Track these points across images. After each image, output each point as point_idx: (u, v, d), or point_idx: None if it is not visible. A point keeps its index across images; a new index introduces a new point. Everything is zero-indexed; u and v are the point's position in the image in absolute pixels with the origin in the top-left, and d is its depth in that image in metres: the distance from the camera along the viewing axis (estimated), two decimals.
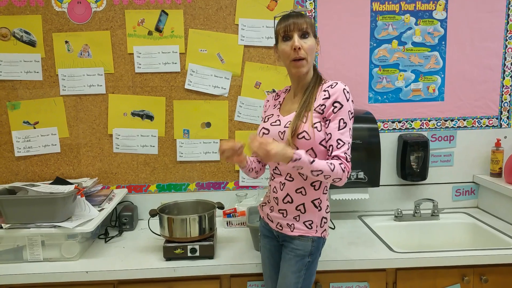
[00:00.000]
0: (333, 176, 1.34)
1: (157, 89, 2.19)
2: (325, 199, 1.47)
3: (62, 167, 2.22)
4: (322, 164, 1.33)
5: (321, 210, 1.46)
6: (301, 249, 1.44)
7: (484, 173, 2.31)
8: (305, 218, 1.45)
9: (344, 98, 1.38)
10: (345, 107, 1.37)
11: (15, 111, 2.16)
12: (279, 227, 1.50)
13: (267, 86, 2.21)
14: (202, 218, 1.75)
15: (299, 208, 1.44)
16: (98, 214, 1.83)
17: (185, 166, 2.25)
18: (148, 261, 1.74)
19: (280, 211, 1.48)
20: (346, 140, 1.38)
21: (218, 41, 2.17)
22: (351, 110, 1.39)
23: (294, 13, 1.43)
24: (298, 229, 1.45)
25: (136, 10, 2.13)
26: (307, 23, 1.41)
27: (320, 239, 1.47)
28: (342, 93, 1.38)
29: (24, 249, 1.74)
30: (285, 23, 1.41)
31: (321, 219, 1.46)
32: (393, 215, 2.18)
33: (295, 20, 1.40)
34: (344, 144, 1.37)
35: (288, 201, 1.45)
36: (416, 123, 2.29)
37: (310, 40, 1.41)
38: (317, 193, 1.44)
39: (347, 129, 1.38)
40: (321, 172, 1.33)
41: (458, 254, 1.74)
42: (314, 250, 1.45)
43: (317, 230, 1.45)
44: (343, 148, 1.37)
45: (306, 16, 1.44)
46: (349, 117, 1.39)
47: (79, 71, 2.16)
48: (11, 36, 2.12)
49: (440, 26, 2.22)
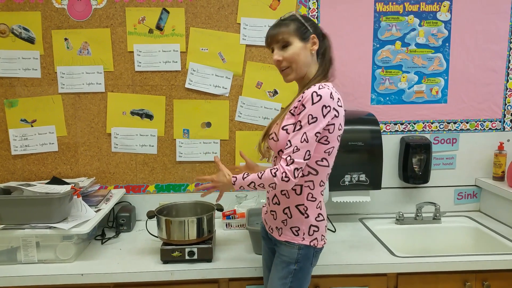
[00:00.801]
0: (265, 182, 1.34)
1: (157, 88, 2.17)
2: (313, 206, 1.41)
3: (60, 166, 2.19)
4: (252, 176, 1.37)
5: (308, 217, 1.41)
6: (287, 256, 1.41)
7: (487, 176, 2.29)
8: (292, 224, 1.42)
9: (309, 101, 1.31)
10: (306, 110, 1.31)
11: (13, 109, 2.13)
12: (270, 230, 1.50)
13: (269, 86, 2.18)
14: (201, 220, 1.72)
15: (286, 212, 1.42)
16: (94, 215, 1.80)
17: (184, 167, 2.23)
18: (145, 263, 1.71)
19: (272, 212, 1.47)
20: (294, 142, 1.31)
21: (219, 40, 2.14)
22: (312, 114, 1.30)
23: (277, 23, 1.43)
24: (285, 235, 1.43)
25: (137, 7, 2.10)
26: (283, 33, 1.38)
27: (309, 247, 1.41)
28: (310, 96, 1.31)
29: (18, 250, 1.71)
30: (265, 37, 1.44)
31: (309, 227, 1.41)
32: (395, 218, 2.16)
33: (270, 33, 1.42)
34: (290, 146, 1.32)
35: (276, 202, 1.44)
36: (418, 125, 2.26)
37: (291, 48, 1.38)
38: (299, 198, 1.40)
39: (301, 132, 1.31)
40: (253, 184, 1.37)
41: (460, 259, 1.72)
42: (301, 258, 1.40)
43: (304, 238, 1.41)
44: (287, 150, 1.32)
45: (288, 22, 1.40)
46: (308, 120, 1.30)
47: (78, 69, 2.13)
48: (9, 33, 2.09)
49: (444, 27, 2.20)
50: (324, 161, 1.38)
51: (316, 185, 1.40)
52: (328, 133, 1.34)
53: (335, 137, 1.37)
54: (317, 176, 1.39)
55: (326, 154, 1.37)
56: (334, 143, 1.38)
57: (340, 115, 1.35)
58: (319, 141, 1.35)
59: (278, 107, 2.19)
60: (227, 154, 2.22)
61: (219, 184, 1.46)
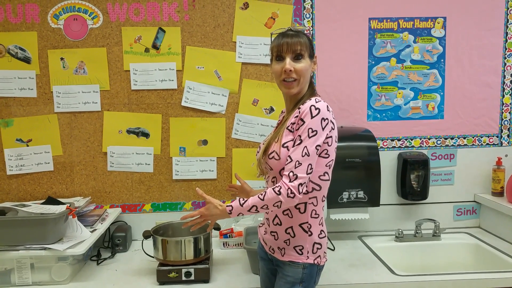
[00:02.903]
0: (269, 203, 1.31)
1: (153, 106, 2.16)
2: (316, 223, 1.40)
3: (55, 186, 2.17)
4: (252, 200, 1.33)
5: (312, 235, 1.39)
6: (291, 276, 1.38)
7: (486, 192, 2.27)
8: (295, 243, 1.39)
9: (308, 115, 1.30)
10: (306, 124, 1.30)
11: (8, 129, 2.12)
12: (271, 250, 1.45)
13: (265, 104, 2.18)
14: (198, 240, 1.70)
15: (288, 232, 1.39)
16: (90, 235, 1.78)
17: (181, 185, 2.21)
18: (141, 285, 1.68)
19: (272, 233, 1.43)
20: (296, 157, 1.30)
21: (215, 58, 2.15)
22: (312, 127, 1.30)
23: (290, 32, 1.38)
24: (288, 254, 1.40)
25: (133, 27, 2.12)
26: (301, 45, 1.36)
27: (313, 266, 1.39)
28: (309, 110, 1.31)
29: (12, 272, 1.68)
30: (278, 43, 1.37)
31: (313, 245, 1.39)
32: (394, 236, 2.13)
33: (288, 41, 1.35)
34: (291, 161, 1.30)
35: (278, 223, 1.41)
36: (415, 141, 2.26)
37: (304, 62, 1.36)
38: (303, 216, 1.38)
39: (302, 146, 1.30)
40: (255, 208, 1.32)
41: (461, 277, 1.69)
42: (306, 278, 1.38)
43: (309, 256, 1.39)
44: (289, 166, 1.30)
45: (303, 36, 1.38)
46: (308, 134, 1.30)
47: (74, 88, 2.13)
48: (5, 53, 2.10)
49: (438, 43, 2.21)
50: (326, 175, 1.38)
51: (319, 201, 1.39)
52: (327, 146, 1.34)
53: (333, 150, 1.37)
54: (320, 191, 1.38)
55: (327, 168, 1.37)
56: (333, 156, 1.37)
57: (335, 127, 1.36)
58: (320, 155, 1.34)
59: (275, 124, 2.18)
60: (223, 172, 2.21)
61: (209, 217, 1.41)
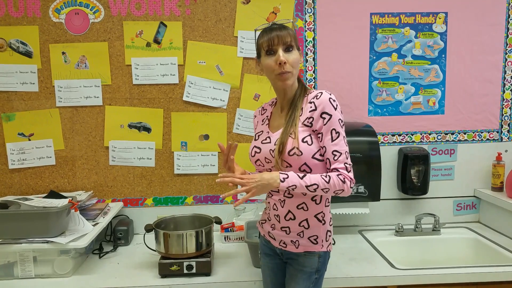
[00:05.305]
0: (332, 188, 1.30)
1: (155, 101, 2.17)
2: (328, 211, 1.43)
3: (57, 180, 2.17)
4: (315, 178, 1.30)
5: (325, 223, 1.41)
6: (308, 266, 1.40)
7: (486, 187, 2.28)
8: (310, 234, 1.40)
9: (331, 107, 1.33)
10: (334, 116, 1.33)
11: (10, 123, 2.13)
12: (282, 245, 1.44)
13: (266, 98, 2.19)
14: (199, 234, 1.71)
15: (303, 224, 1.39)
16: (92, 229, 1.79)
17: (182, 179, 2.22)
18: (143, 278, 1.69)
19: (283, 228, 1.42)
20: (342, 149, 1.33)
21: (217, 53, 2.15)
22: (341, 118, 1.34)
23: (276, 26, 1.38)
24: (303, 245, 1.40)
25: (134, 21, 2.12)
26: (290, 36, 1.36)
27: (326, 253, 1.43)
28: (329, 102, 1.33)
29: (15, 265, 1.69)
30: (268, 37, 1.36)
31: (326, 233, 1.42)
32: (394, 230, 2.14)
33: (278, 33, 1.35)
34: (340, 154, 1.32)
35: (291, 218, 1.40)
36: (416, 136, 2.26)
37: (294, 53, 1.37)
38: (319, 207, 1.39)
39: (341, 137, 1.33)
40: (316, 186, 1.29)
41: (460, 271, 1.70)
42: (321, 266, 1.41)
43: (323, 244, 1.41)
44: (340, 159, 1.32)
45: (289, 28, 1.39)
46: (340, 125, 1.34)
47: (75, 83, 2.13)
48: (7, 47, 2.10)
49: (440, 39, 2.21)
50: None
51: None
52: None
53: None
54: None
55: None
56: None
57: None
58: None
59: None
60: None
61: (258, 183, 1.31)
